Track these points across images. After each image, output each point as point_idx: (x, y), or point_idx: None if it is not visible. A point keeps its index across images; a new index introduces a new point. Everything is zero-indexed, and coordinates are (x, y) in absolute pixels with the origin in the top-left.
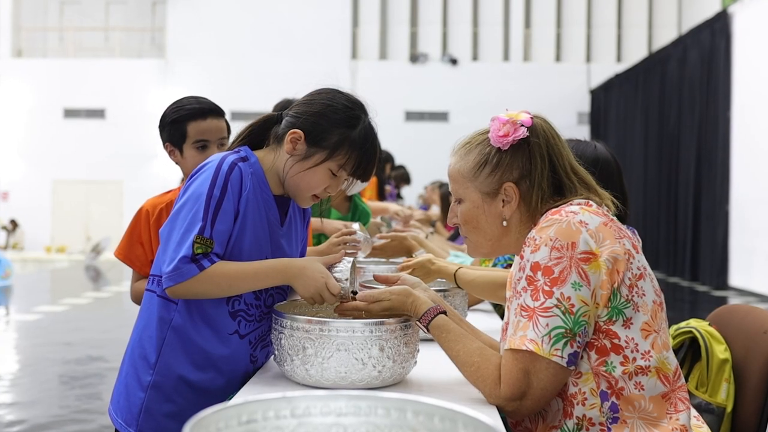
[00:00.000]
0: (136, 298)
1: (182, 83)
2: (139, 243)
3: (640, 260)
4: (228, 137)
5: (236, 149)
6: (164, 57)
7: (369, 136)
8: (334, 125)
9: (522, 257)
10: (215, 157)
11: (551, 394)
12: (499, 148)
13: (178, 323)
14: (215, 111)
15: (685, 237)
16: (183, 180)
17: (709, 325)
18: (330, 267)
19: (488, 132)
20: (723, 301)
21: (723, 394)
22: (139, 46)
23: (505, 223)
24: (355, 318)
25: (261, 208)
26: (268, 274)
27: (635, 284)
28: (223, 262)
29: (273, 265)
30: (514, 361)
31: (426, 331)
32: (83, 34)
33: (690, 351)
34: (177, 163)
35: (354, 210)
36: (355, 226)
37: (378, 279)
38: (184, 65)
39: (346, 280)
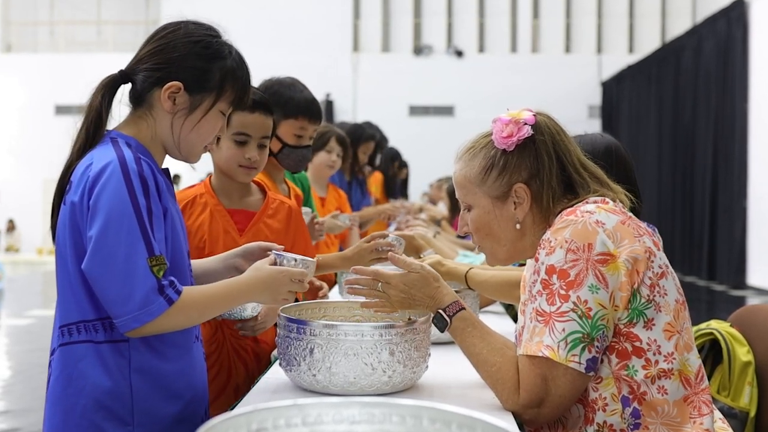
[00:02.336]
0: None
1: None
2: None
3: (662, 258)
4: (271, 139)
5: (106, 140)
6: None
7: (241, 59)
8: (211, 61)
9: (536, 260)
10: (106, 158)
11: (570, 401)
12: (504, 149)
13: (138, 362)
14: (264, 106)
15: (701, 234)
16: (212, 175)
17: (731, 326)
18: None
19: (491, 134)
20: (741, 300)
21: (746, 398)
22: (133, 40)
23: (518, 225)
24: (370, 277)
25: (170, 192)
26: (234, 297)
27: (656, 284)
28: (189, 289)
29: (236, 287)
30: (531, 367)
31: (448, 321)
32: (75, 28)
33: (711, 353)
34: (210, 152)
35: (299, 183)
36: (340, 217)
37: (397, 263)
38: None
39: (297, 261)
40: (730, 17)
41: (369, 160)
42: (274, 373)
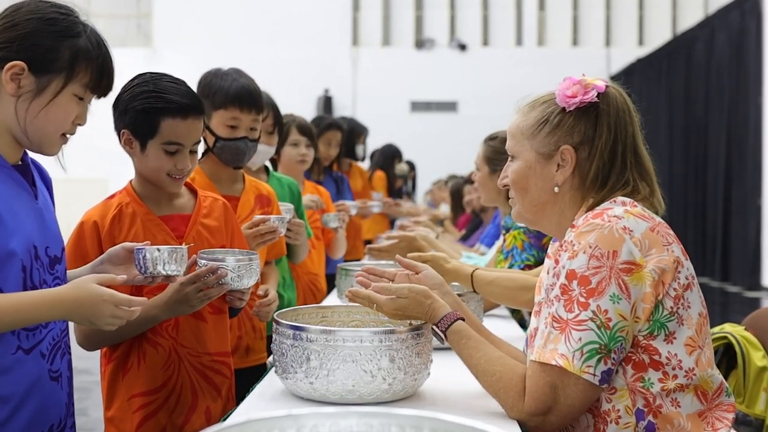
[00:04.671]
0: (85, 340)
1: (170, 74)
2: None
3: (689, 268)
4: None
5: None
6: (151, 46)
7: (99, 39)
8: (59, 39)
9: (557, 262)
10: None
11: (579, 411)
12: (564, 108)
13: None
14: (197, 109)
15: (714, 233)
16: (134, 179)
17: (746, 329)
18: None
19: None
20: (756, 302)
21: (761, 405)
22: (124, 34)
23: (556, 188)
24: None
25: (11, 187)
26: (33, 312)
27: (681, 295)
28: None
29: (39, 299)
30: (541, 374)
31: (443, 336)
32: None
33: (725, 358)
34: (131, 156)
35: (287, 189)
36: (324, 218)
37: (402, 264)
38: (173, 54)
39: (160, 251)
40: (744, 8)
41: (352, 153)
42: (270, 381)
